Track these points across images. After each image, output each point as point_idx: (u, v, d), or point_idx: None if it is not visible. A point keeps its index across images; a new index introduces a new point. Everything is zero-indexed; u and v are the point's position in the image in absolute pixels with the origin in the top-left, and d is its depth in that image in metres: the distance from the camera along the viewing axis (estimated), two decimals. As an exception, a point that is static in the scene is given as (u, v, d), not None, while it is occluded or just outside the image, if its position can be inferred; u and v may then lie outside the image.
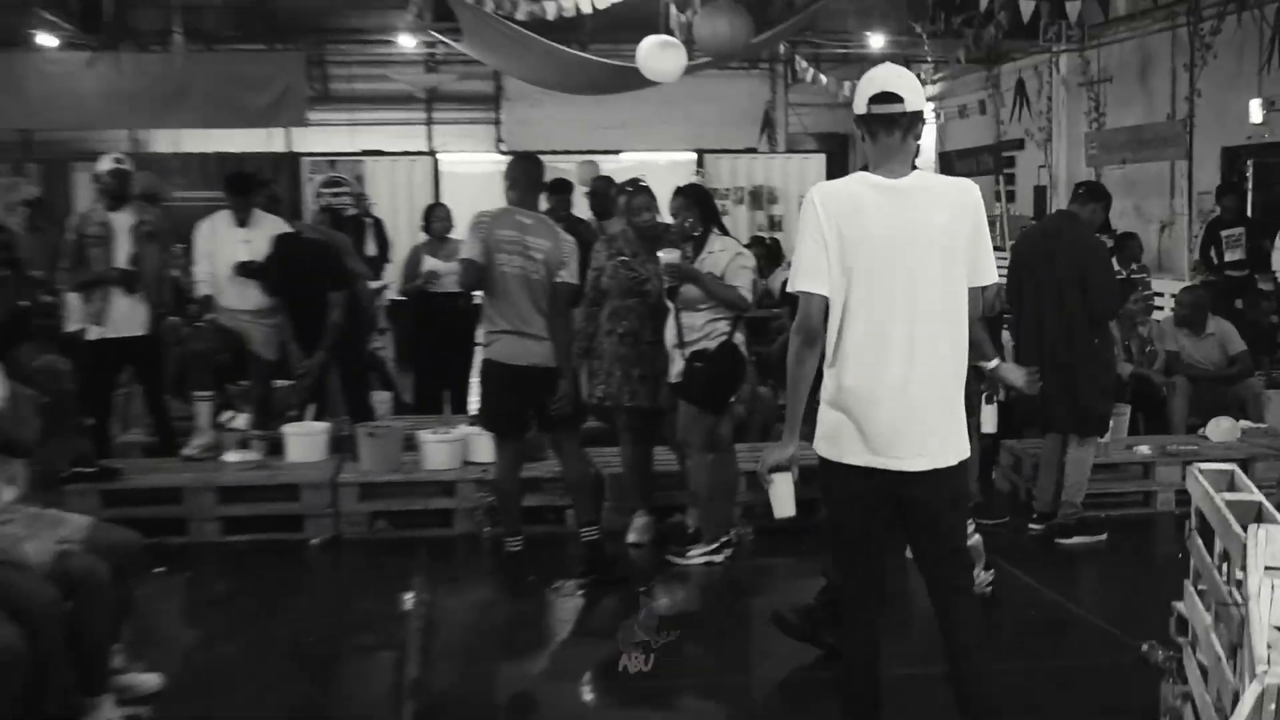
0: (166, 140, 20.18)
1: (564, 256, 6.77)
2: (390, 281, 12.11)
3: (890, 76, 4.01)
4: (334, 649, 6.05)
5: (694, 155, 18.60)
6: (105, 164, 8.55)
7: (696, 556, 7.12)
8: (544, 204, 9.17)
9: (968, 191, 4.04)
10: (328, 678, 5.76)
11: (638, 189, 7.56)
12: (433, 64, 20.40)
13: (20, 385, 5.03)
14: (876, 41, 17.15)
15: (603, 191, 10.57)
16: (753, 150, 20.19)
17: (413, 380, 10.73)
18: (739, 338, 6.98)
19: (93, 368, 8.47)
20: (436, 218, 10.46)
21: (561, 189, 10.67)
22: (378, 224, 13.15)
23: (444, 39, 14.77)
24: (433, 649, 5.92)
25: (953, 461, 4.02)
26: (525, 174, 6.91)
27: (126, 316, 8.43)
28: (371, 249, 12.47)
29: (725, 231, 7.34)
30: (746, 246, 7.82)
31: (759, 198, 17.76)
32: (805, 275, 3.96)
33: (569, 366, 6.92)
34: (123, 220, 8.47)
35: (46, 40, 17.60)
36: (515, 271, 6.70)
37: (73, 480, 7.48)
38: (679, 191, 7.31)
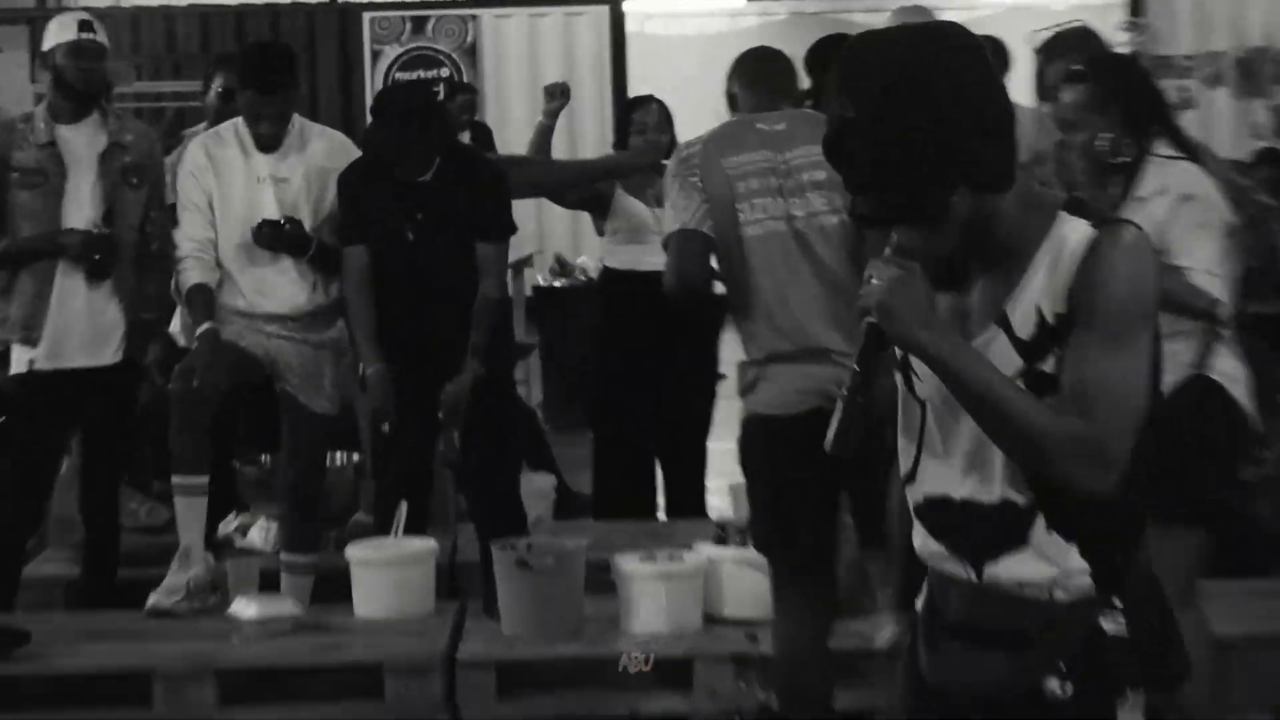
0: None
1: None
2: (536, 251, 9.38)
3: None
4: None
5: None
6: (64, 32, 6.04)
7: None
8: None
9: None
10: None
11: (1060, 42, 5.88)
12: None
13: None
14: None
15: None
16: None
17: (590, 445, 7.21)
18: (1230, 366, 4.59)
19: (17, 426, 6.18)
20: (637, 124, 6.98)
21: None
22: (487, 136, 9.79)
23: None
24: None
25: None
26: (761, 71, 5.25)
27: (85, 328, 5.96)
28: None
29: (1182, 143, 4.98)
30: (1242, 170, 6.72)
31: (1253, 71, 11.95)
32: None
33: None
34: (85, 140, 5.98)
35: None
36: (775, 229, 4.87)
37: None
38: (1076, 75, 5.09)
